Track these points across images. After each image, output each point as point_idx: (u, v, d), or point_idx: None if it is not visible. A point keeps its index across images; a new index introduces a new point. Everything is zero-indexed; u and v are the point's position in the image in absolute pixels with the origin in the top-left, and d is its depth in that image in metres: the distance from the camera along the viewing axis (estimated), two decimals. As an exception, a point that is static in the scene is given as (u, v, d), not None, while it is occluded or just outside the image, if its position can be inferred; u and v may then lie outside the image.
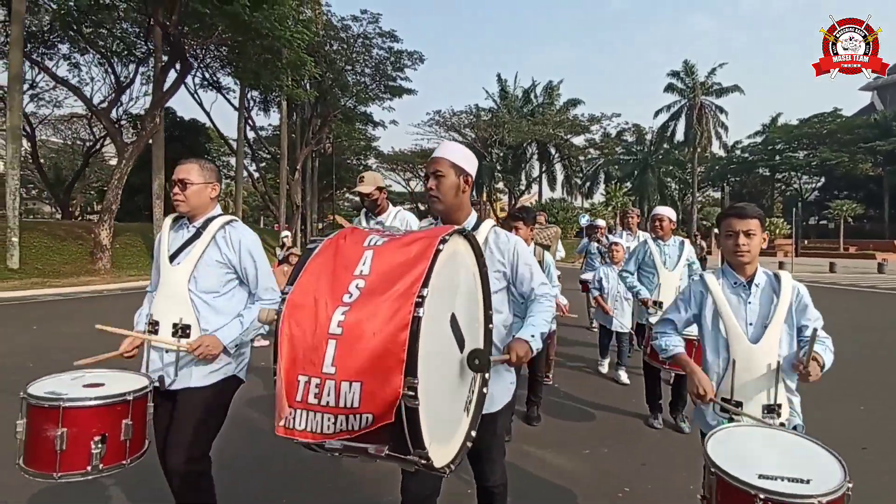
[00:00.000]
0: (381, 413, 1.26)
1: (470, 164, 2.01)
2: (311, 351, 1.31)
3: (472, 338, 1.67)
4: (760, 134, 50.60)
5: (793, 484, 1.49)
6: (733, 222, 2.02)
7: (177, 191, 2.21)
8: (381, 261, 1.40)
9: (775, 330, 1.99)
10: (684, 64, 41.38)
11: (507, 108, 42.02)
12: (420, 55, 30.25)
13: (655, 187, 49.00)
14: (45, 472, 1.91)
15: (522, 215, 3.99)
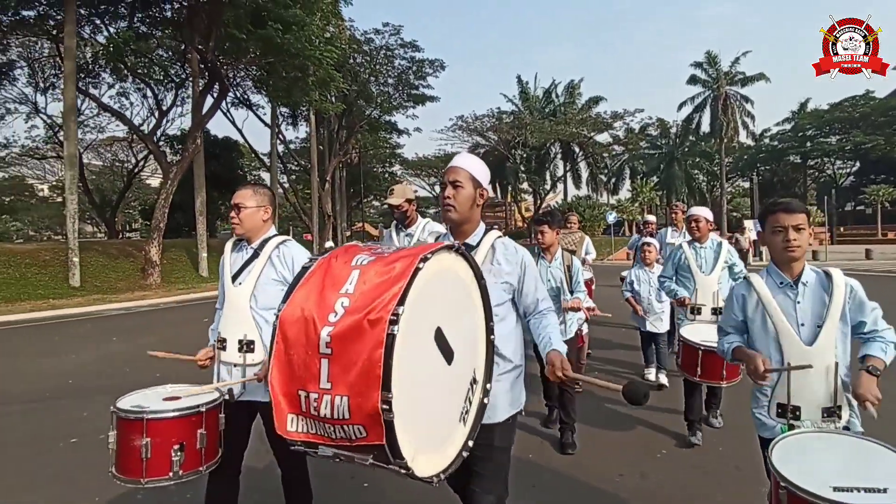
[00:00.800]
0: (370, 424, 1.34)
1: (486, 178, 2.06)
2: (304, 368, 1.40)
3: (468, 350, 1.72)
4: (789, 121, 49.53)
5: (869, 495, 1.41)
6: (781, 217, 1.95)
7: (233, 214, 2.40)
8: (365, 280, 1.45)
9: (830, 330, 1.91)
10: (707, 54, 40.99)
11: (528, 110, 42.29)
12: (441, 62, 30.88)
13: (683, 180, 48.47)
14: (134, 478, 2.06)
15: (547, 219, 4.01)
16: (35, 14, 19.34)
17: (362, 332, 1.34)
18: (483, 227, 2.08)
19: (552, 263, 4.01)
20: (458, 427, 1.66)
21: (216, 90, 18.20)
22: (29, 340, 9.37)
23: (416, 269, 1.42)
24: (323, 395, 1.38)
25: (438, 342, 1.56)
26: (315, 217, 29.21)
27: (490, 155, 44.99)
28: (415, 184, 53.42)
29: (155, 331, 10.01)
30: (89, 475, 3.39)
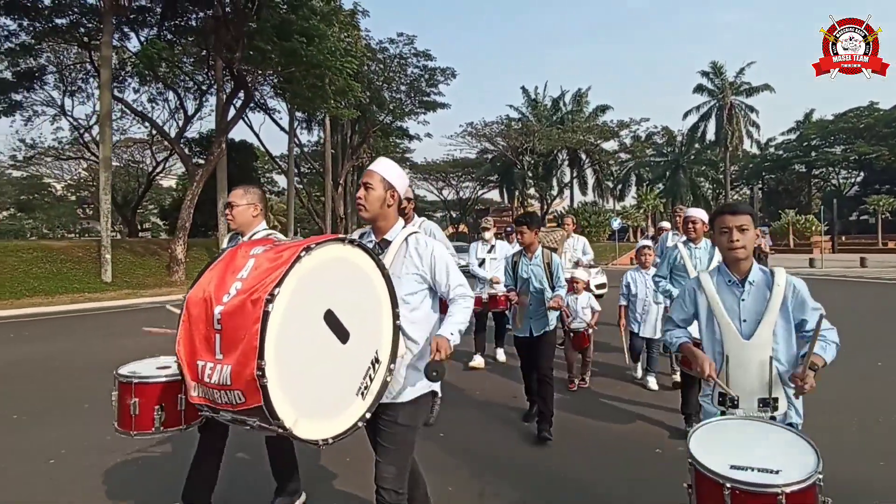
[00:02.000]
0: (248, 390, 1.51)
1: (399, 181, 2.22)
2: (204, 341, 1.60)
3: (368, 332, 1.89)
4: (794, 130, 50.13)
5: (761, 474, 1.54)
6: (727, 219, 2.06)
7: (228, 211, 2.79)
8: (257, 266, 1.65)
9: (767, 325, 2.01)
10: (712, 65, 41.79)
11: (536, 118, 43.11)
12: (452, 70, 31.74)
13: (688, 188, 49.09)
14: (126, 430, 2.41)
15: (526, 220, 4.22)
16: (67, 22, 20.43)
17: (245, 310, 1.53)
18: (401, 225, 2.25)
19: (532, 260, 4.22)
20: (356, 400, 1.83)
21: (240, 97, 19.09)
22: (84, 327, 10.26)
23: (298, 257, 1.61)
24: (216, 365, 1.58)
25: (329, 322, 1.74)
26: (328, 219, 30.11)
27: (498, 160, 45.86)
28: (423, 188, 54.42)
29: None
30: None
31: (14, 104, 22.19)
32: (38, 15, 19.43)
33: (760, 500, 1.50)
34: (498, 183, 49.29)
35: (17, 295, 14.18)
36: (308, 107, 21.22)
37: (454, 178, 53.38)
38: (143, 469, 3.61)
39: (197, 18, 20.67)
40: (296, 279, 1.61)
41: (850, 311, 9.94)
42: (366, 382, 1.87)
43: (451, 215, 58.34)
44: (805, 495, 1.50)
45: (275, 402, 1.51)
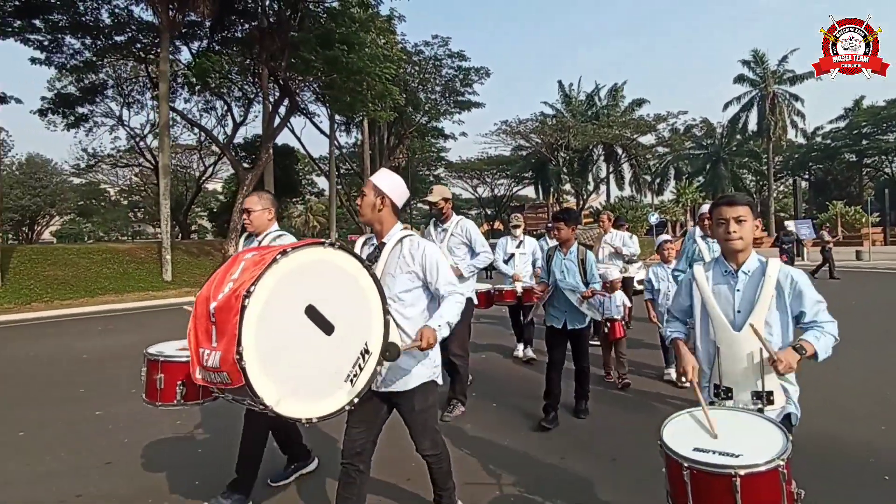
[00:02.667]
0: (231, 371, 1.73)
1: (392, 188, 2.44)
2: (205, 332, 1.85)
3: (356, 325, 2.08)
4: (843, 118, 48.07)
5: (721, 456, 1.60)
6: (724, 210, 2.06)
7: (245, 216, 3.12)
8: (245, 268, 1.88)
9: (758, 317, 1.99)
10: (753, 53, 40.61)
11: (571, 113, 42.96)
12: (486, 70, 32.14)
13: (729, 180, 47.91)
14: (152, 401, 2.80)
15: (564, 217, 4.28)
16: (125, 38, 21.90)
17: (230, 305, 1.76)
18: (398, 227, 2.47)
19: (567, 256, 4.29)
20: (344, 386, 2.03)
21: (285, 104, 20.07)
22: (151, 321, 11.26)
23: (275, 260, 1.83)
24: (212, 352, 1.82)
25: (312, 316, 1.93)
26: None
27: (532, 157, 45.89)
28: (458, 186, 54.92)
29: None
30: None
31: (80, 117, 23.87)
32: (99, 33, 20.95)
33: (716, 480, 1.56)
34: (533, 179, 49.24)
35: (91, 293, 15.49)
36: (348, 111, 22.06)
37: (489, 176, 53.64)
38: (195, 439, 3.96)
39: (242, 30, 21.82)
40: (274, 278, 1.83)
41: (886, 303, 9.90)
42: (355, 371, 2.06)
43: (485, 213, 58.63)
44: (761, 479, 1.55)
45: (254, 383, 1.75)
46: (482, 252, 4.54)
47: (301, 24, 19.18)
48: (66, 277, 16.06)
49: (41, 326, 11.21)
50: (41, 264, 16.30)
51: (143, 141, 29.96)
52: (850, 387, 4.91)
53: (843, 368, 5.27)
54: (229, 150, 21.49)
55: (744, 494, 1.52)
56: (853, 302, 9.92)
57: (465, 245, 4.54)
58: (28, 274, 15.59)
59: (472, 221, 4.69)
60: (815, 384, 4.98)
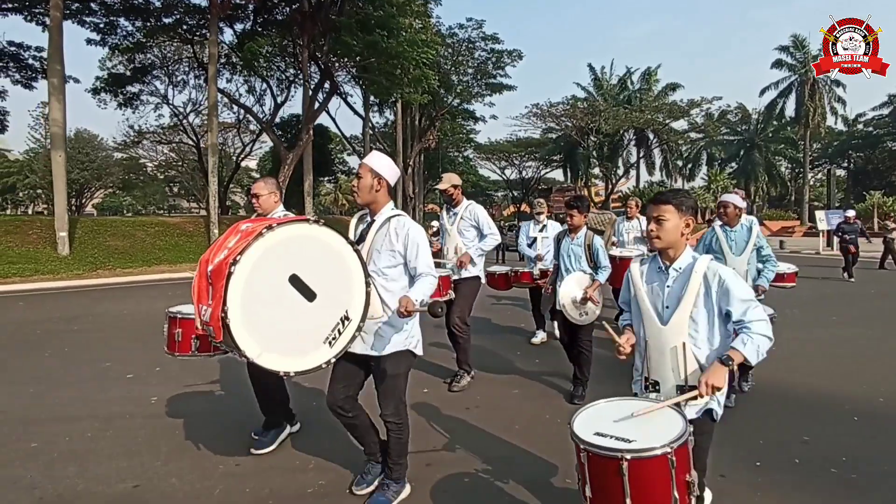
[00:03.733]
0: (216, 327, 2.03)
1: (386, 170, 2.61)
2: (205, 290, 2.16)
3: (337, 294, 2.31)
4: (887, 105, 46.58)
5: (614, 441, 1.68)
6: (649, 208, 2.11)
7: (254, 200, 3.37)
8: (239, 238, 2.14)
9: (682, 312, 2.02)
10: (793, 38, 39.55)
11: (602, 97, 42.69)
12: (519, 52, 32.20)
13: (763, 167, 47.13)
14: (171, 352, 3.29)
15: (577, 204, 4.39)
16: (173, 20, 22.87)
17: (222, 270, 2.02)
18: (390, 207, 2.65)
19: (574, 241, 4.41)
20: (323, 347, 2.27)
21: (329, 88, 20.81)
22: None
23: (260, 233, 2.07)
24: (207, 308, 2.11)
25: (295, 284, 2.18)
26: (399, 198, 31.86)
27: (561, 140, 45.84)
28: (486, 168, 55.19)
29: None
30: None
31: (131, 96, 25.10)
32: (149, 15, 21.95)
33: (606, 462, 1.65)
34: (561, 162, 49.19)
35: (148, 263, 16.74)
36: (385, 94, 22.71)
37: (517, 158, 53.73)
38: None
39: (284, 12, 22.53)
40: (260, 249, 2.07)
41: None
42: (334, 334, 2.29)
43: (512, 195, 58.82)
44: (649, 464, 1.62)
45: (237, 338, 2.01)
46: (489, 234, 4.79)
47: (342, 9, 19.80)
48: (125, 248, 17.35)
49: (115, 290, 12.37)
50: (102, 235, 17.60)
51: (186, 119, 31.17)
52: (854, 355, 5.53)
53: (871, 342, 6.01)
54: (272, 130, 22.39)
55: (631, 478, 1.61)
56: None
57: (475, 227, 4.81)
58: (91, 244, 16.89)
59: (482, 206, 4.91)
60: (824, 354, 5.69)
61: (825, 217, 20.73)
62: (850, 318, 7.85)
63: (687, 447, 1.71)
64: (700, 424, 2.01)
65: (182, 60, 27.59)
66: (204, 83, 27.93)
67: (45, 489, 2.95)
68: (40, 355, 6.00)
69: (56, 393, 4.62)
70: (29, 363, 5.66)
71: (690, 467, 1.71)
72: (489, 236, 4.77)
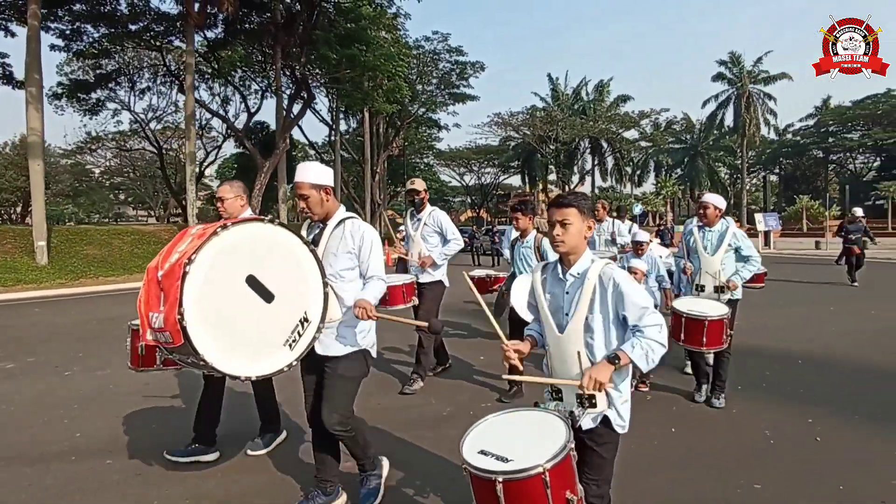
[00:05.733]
0: (173, 331, 1.95)
1: (325, 177, 2.56)
2: (155, 297, 2.08)
3: (296, 295, 2.27)
4: (812, 117, 51.13)
5: (494, 461, 1.68)
6: (551, 212, 2.03)
7: (219, 204, 3.25)
8: (191, 241, 2.11)
9: (577, 319, 1.98)
10: (731, 54, 43.02)
11: (559, 107, 44.79)
12: (482, 64, 33.57)
13: (706, 174, 50.58)
14: (135, 367, 3.21)
15: (521, 207, 4.47)
16: (139, 27, 22.72)
17: (174, 272, 1.98)
18: (342, 209, 2.66)
19: (524, 244, 4.54)
20: (283, 350, 2.22)
21: (305, 98, 21.32)
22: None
23: (214, 232, 2.04)
24: (158, 315, 2.02)
25: (252, 285, 2.13)
26: (368, 206, 32.49)
27: (520, 148, 47.64)
28: (445, 174, 56.42)
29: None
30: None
31: (95, 103, 24.69)
32: (115, 21, 21.74)
33: (484, 483, 1.64)
34: (519, 169, 51.07)
35: (129, 271, 16.76)
36: (359, 104, 23.41)
37: (476, 165, 55.21)
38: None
39: (257, 22, 22.77)
40: (214, 249, 2.03)
41: (814, 287, 11.97)
42: (294, 336, 2.24)
43: (471, 200, 60.19)
44: (523, 485, 1.60)
45: (195, 341, 1.93)
46: (453, 239, 4.86)
47: (316, 21, 20.37)
48: (103, 256, 17.30)
49: (105, 298, 12.56)
50: (78, 244, 17.48)
51: (148, 125, 30.72)
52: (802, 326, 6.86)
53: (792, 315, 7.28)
54: (248, 137, 22.66)
55: (507, 498, 1.60)
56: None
57: (438, 233, 4.88)
58: (68, 253, 16.78)
59: (444, 212, 5.02)
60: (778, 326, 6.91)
61: (763, 219, 23.01)
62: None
63: (567, 463, 1.70)
64: (601, 434, 1.99)
65: (144, 67, 27.33)
66: (168, 90, 27.88)
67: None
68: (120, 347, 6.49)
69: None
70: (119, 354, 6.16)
71: (574, 483, 1.73)
72: (452, 241, 4.86)
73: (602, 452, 1.98)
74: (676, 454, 3.35)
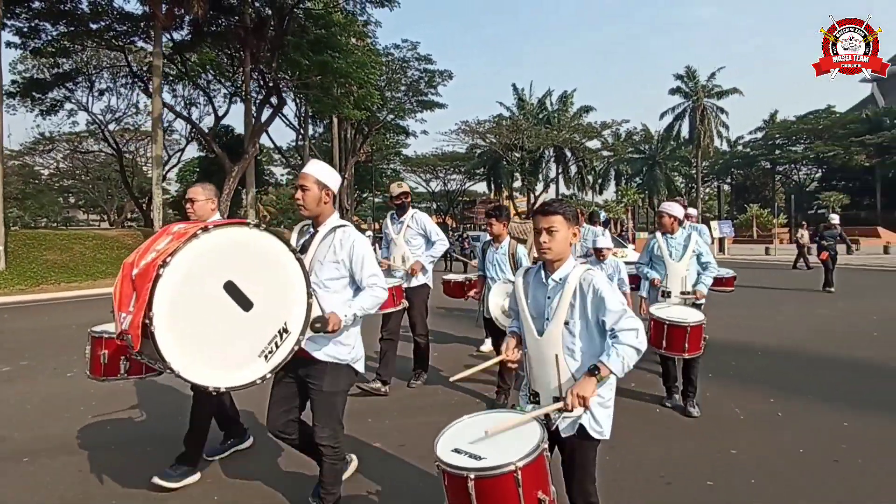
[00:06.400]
0: (134, 336, 1.88)
1: (331, 179, 2.49)
2: (127, 296, 2.01)
3: (276, 304, 2.16)
4: (761, 129, 54.04)
5: (466, 458, 1.69)
6: (538, 219, 2.05)
7: (188, 206, 3.07)
8: (170, 241, 2.04)
9: (556, 323, 2.01)
10: (686, 69, 45.14)
11: (524, 116, 45.88)
12: (449, 73, 34.00)
13: (663, 183, 52.65)
14: (96, 376, 2.97)
15: (495, 213, 4.48)
16: (100, 26, 22.12)
17: (148, 273, 1.90)
18: (336, 216, 2.52)
19: (498, 250, 4.53)
20: (258, 361, 2.10)
21: (276, 103, 21.21)
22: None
23: (195, 235, 1.95)
24: (127, 315, 1.95)
25: (230, 292, 2.03)
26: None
27: (486, 155, 48.45)
28: (412, 180, 56.70)
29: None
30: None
31: (53, 103, 23.82)
32: (75, 20, 21.12)
33: (456, 480, 1.65)
34: (485, 176, 51.90)
35: (93, 277, 16.28)
36: (330, 110, 23.45)
37: (441, 171, 55.74)
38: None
39: (225, 26, 22.52)
40: (193, 252, 1.92)
41: (767, 289, 12.91)
42: (271, 348, 2.12)
43: (436, 206, 60.66)
44: (494, 483, 1.62)
45: (162, 348, 1.82)
46: (437, 241, 4.84)
47: (287, 26, 20.37)
48: (65, 262, 16.72)
49: (72, 304, 12.24)
50: (37, 249, 16.83)
51: (106, 127, 29.75)
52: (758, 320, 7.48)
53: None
54: (216, 141, 22.35)
55: (478, 496, 1.61)
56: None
57: (421, 236, 4.84)
58: (27, 258, 16.14)
59: (426, 214, 4.98)
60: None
61: (718, 226, 24.28)
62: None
63: (540, 463, 1.71)
64: (578, 442, 2.01)
65: (105, 68, 26.53)
66: (128, 91, 27.18)
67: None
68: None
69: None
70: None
71: (547, 484, 1.73)
72: (438, 242, 4.85)
73: (579, 459, 2.02)
74: (663, 426, 3.93)
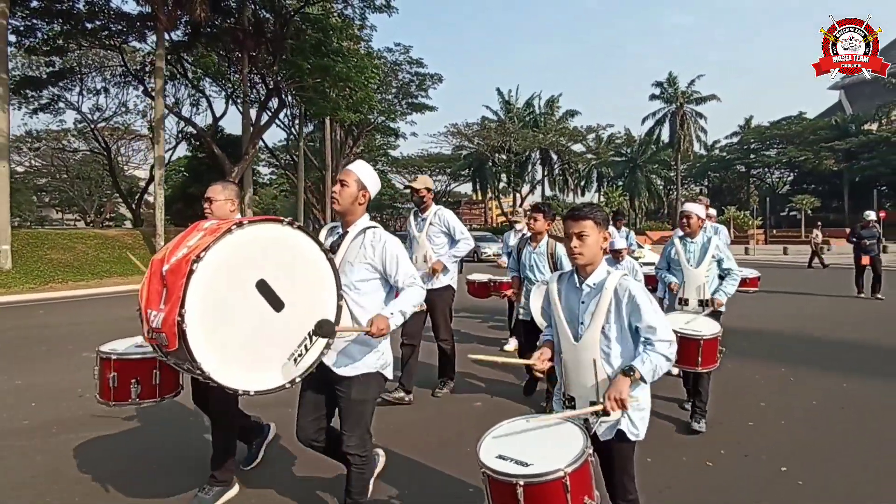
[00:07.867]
0: (170, 334, 1.79)
1: (371, 182, 2.49)
2: (157, 293, 1.94)
3: (308, 306, 2.10)
4: (737, 134, 56.04)
5: (513, 465, 1.68)
6: (568, 224, 2.06)
7: (207, 206, 2.91)
8: (202, 236, 1.97)
9: (593, 328, 2.02)
10: (668, 75, 46.69)
11: (511, 119, 46.82)
12: (439, 76, 34.75)
13: (644, 185, 54.17)
14: (106, 401, 2.74)
15: (543, 209, 4.30)
16: (96, 25, 22.14)
17: (180, 269, 1.85)
18: (366, 217, 2.51)
19: (535, 249, 4.31)
20: (288, 364, 2.07)
21: (276, 105, 21.53)
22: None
23: (229, 230, 1.91)
24: (158, 313, 1.89)
25: (262, 291, 1.98)
26: (328, 211, 32.77)
27: (472, 157, 49.27)
28: (397, 181, 57.19)
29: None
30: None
31: (47, 102, 23.73)
32: (71, 19, 21.12)
33: (504, 487, 1.66)
34: (470, 177, 52.68)
35: (98, 276, 16.50)
36: (328, 113, 23.86)
37: (427, 172, 56.31)
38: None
39: (222, 28, 22.71)
40: (227, 248, 1.89)
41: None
42: (300, 350, 2.08)
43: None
44: (544, 489, 1.64)
45: (193, 347, 1.79)
46: (462, 239, 4.57)
47: (287, 30, 20.72)
48: (69, 261, 16.88)
49: (84, 302, 12.53)
50: (41, 248, 16.95)
51: (96, 125, 29.61)
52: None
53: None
54: (214, 141, 22.58)
55: (527, 502, 1.63)
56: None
57: (444, 234, 4.59)
58: (32, 257, 16.27)
59: (450, 211, 4.73)
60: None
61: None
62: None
63: (586, 469, 1.73)
64: (615, 447, 2.04)
65: (101, 67, 26.46)
66: (121, 90, 27.18)
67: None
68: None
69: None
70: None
71: (591, 489, 1.75)
72: (462, 241, 4.58)
73: (617, 464, 2.05)
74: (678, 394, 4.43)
